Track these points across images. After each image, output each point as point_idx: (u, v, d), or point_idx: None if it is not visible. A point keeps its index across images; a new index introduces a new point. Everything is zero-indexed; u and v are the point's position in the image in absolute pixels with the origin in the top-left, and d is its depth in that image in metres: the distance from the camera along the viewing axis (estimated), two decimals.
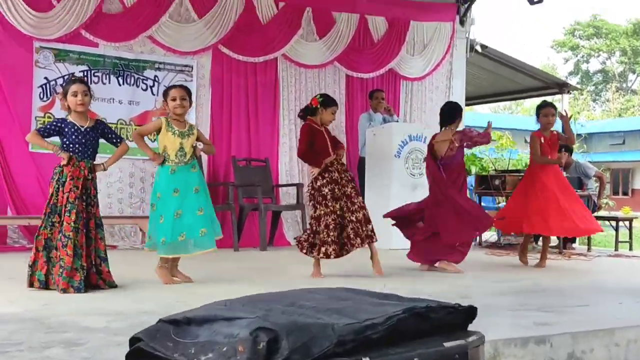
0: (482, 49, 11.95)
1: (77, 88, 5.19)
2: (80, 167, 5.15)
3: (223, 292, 5.09)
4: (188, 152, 5.56)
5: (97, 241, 5.25)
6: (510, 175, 9.68)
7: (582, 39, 56.01)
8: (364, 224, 6.06)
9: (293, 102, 9.98)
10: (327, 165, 6.11)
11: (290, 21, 9.87)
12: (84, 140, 5.19)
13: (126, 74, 8.92)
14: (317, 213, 6.05)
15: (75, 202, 5.06)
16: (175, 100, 5.53)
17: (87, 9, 8.53)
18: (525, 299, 5.07)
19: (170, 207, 5.43)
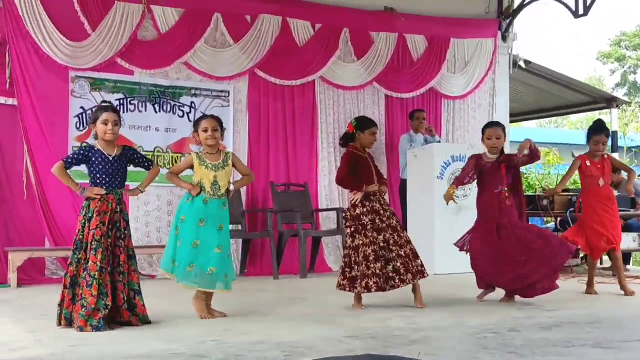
0: (526, 65, 11.67)
1: (108, 117, 5.06)
2: (108, 200, 5.00)
3: (259, 328, 4.93)
4: (222, 185, 5.40)
5: (131, 274, 5.10)
6: (559, 195, 9.31)
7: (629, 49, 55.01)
8: (412, 259, 5.84)
9: (332, 125, 9.80)
10: (369, 193, 5.89)
11: (328, 43, 9.72)
12: (111, 171, 5.05)
13: (162, 101, 8.83)
14: (355, 243, 5.83)
15: (102, 239, 4.91)
16: (207, 131, 5.38)
17: (122, 37, 8.48)
18: (579, 332, 4.75)
19: (193, 235, 5.27)
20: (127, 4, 8.53)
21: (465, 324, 5.13)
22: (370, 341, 4.41)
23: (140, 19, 8.60)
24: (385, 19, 10.16)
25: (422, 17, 10.39)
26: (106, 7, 8.43)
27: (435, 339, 4.50)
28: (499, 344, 4.36)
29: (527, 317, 5.54)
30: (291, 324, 5.14)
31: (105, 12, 8.42)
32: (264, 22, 9.30)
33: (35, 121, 8.09)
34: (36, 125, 8.09)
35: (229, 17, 9.13)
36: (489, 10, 10.91)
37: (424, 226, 8.70)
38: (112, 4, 8.46)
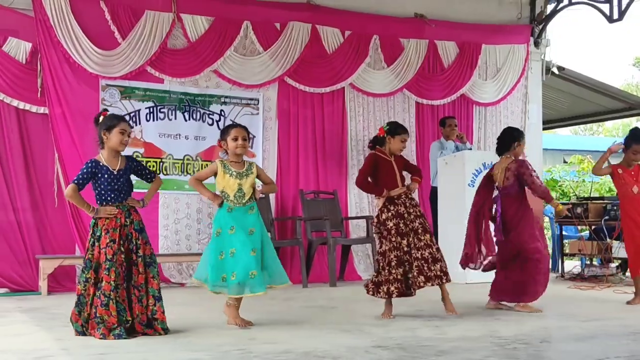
0: (559, 71, 11.52)
1: (126, 127, 5.02)
2: (115, 216, 4.96)
3: (285, 337, 4.87)
4: (247, 192, 5.35)
5: (149, 281, 5.02)
6: (593, 203, 9.17)
7: None
8: (431, 263, 5.76)
9: (361, 132, 9.74)
10: (393, 197, 5.84)
11: (357, 50, 9.68)
12: (116, 186, 4.99)
13: (192, 109, 8.84)
14: (382, 249, 5.79)
15: (114, 258, 4.85)
16: (237, 140, 5.33)
17: (152, 45, 8.52)
18: (614, 345, 4.63)
19: (229, 244, 5.23)
20: (157, 12, 8.57)
21: (495, 334, 5.03)
22: (398, 351, 4.34)
23: (170, 27, 8.64)
24: (416, 25, 10.09)
25: (453, 23, 10.30)
26: (136, 15, 8.49)
27: (465, 350, 4.41)
28: (529, 355, 4.27)
29: (560, 327, 5.44)
30: (319, 333, 5.08)
31: (135, 20, 8.47)
32: (294, 29, 9.29)
33: (66, 129, 8.15)
34: (67, 133, 8.15)
35: (258, 25, 9.13)
36: (520, 16, 10.79)
37: (455, 234, 8.54)
38: (142, 12, 8.51)
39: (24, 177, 8.06)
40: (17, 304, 6.75)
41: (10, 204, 7.97)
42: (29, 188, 8.08)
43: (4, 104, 7.98)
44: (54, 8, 8.08)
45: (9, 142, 8.01)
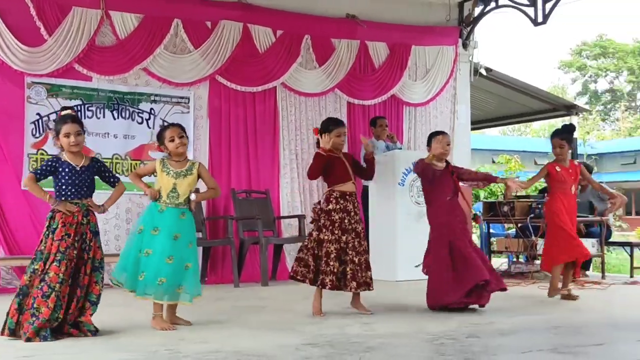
0: (487, 72, 11.77)
1: (69, 129, 4.93)
2: (74, 212, 4.90)
3: (215, 337, 4.85)
4: (182, 193, 5.28)
5: (92, 285, 4.97)
6: (519, 202, 9.38)
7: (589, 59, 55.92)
8: (364, 269, 5.82)
9: (293, 131, 9.75)
10: (344, 192, 5.85)
11: (289, 49, 9.68)
12: (77, 181, 4.94)
13: (121, 108, 8.71)
14: (320, 236, 5.77)
15: (66, 251, 4.80)
16: (174, 140, 5.29)
17: (80, 42, 8.35)
18: (537, 338, 4.76)
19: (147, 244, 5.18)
20: (84, 9, 8.40)
21: (423, 330, 5.11)
22: (328, 348, 4.37)
23: (98, 24, 8.48)
24: (347, 25, 10.15)
25: (384, 24, 10.39)
26: (63, 12, 8.30)
27: (393, 346, 4.47)
28: (456, 350, 4.34)
29: (487, 323, 5.53)
30: (249, 332, 5.07)
31: (62, 17, 8.29)
32: (225, 28, 9.24)
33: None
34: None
35: (188, 23, 9.05)
36: (449, 18, 10.96)
37: (385, 233, 8.68)
38: (70, 9, 8.33)
39: None
40: None
41: None
42: None
43: None
44: None
45: None
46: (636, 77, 54.15)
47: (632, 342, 4.57)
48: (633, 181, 37.35)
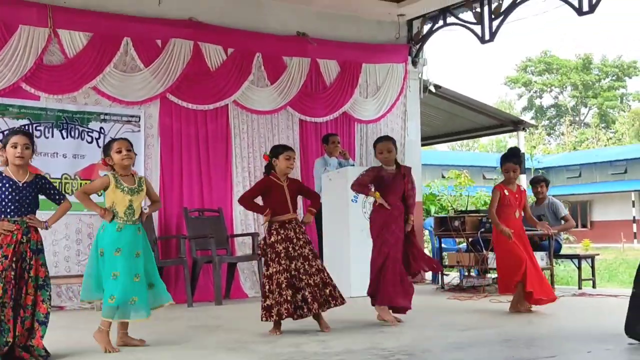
0: (436, 89, 11.91)
1: (17, 140, 4.86)
2: (12, 231, 4.78)
3: (169, 357, 4.79)
4: (137, 209, 5.25)
5: (38, 304, 4.85)
6: (470, 216, 9.49)
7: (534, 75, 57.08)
8: (322, 287, 5.84)
9: (246, 149, 9.73)
10: (284, 221, 5.89)
11: (240, 67, 9.68)
12: (18, 197, 4.82)
13: (70, 127, 8.58)
14: (269, 271, 5.80)
15: (3, 273, 4.67)
16: (121, 152, 5.23)
17: (27, 61, 8.23)
18: (490, 351, 4.81)
19: (111, 267, 5.10)
20: (32, 27, 8.28)
21: (379, 346, 5.11)
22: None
23: (46, 42, 8.36)
24: (298, 43, 10.20)
25: (334, 42, 10.48)
26: (9, 30, 8.17)
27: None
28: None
29: (441, 337, 5.57)
30: (203, 352, 5.02)
31: (9, 35, 8.15)
32: (175, 46, 9.19)
33: None
34: None
35: (138, 42, 8.98)
36: (399, 36, 11.10)
37: (339, 249, 8.71)
38: (16, 27, 8.20)
39: None
40: None
41: None
42: None
43: None
44: None
45: None
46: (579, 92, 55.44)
47: (583, 354, 4.65)
48: (578, 194, 38.10)
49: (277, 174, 6.01)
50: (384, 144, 6.56)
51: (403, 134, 11.05)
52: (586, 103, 56.33)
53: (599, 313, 6.89)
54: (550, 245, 9.16)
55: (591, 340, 5.16)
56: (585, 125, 56.10)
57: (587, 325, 6.00)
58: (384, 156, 6.52)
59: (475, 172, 23.25)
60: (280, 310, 5.69)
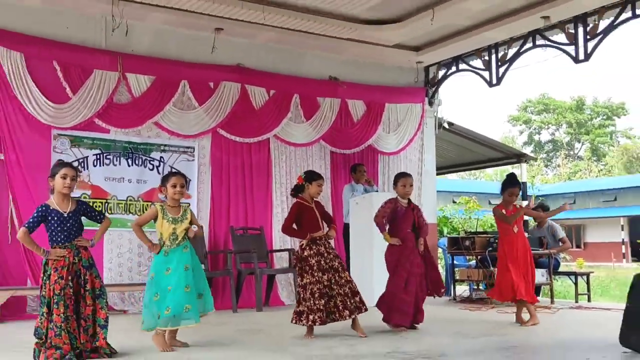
0: (449, 126, 11.85)
1: (67, 172, 4.84)
2: (64, 255, 4.78)
3: (218, 357, 4.76)
4: (179, 235, 5.27)
5: (98, 311, 4.87)
6: (479, 237, 9.39)
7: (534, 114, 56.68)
8: (351, 296, 5.78)
9: (284, 176, 9.74)
10: (315, 238, 5.85)
11: (280, 106, 9.71)
12: (66, 227, 4.82)
13: (135, 156, 8.67)
14: (303, 282, 5.76)
15: (61, 292, 4.68)
16: (176, 187, 5.30)
17: (100, 100, 8.34)
18: (499, 357, 4.72)
19: (165, 283, 5.13)
20: (104, 71, 8.41)
21: (399, 349, 5.06)
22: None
23: (116, 84, 8.48)
24: (330, 86, 10.21)
25: (361, 85, 10.48)
26: (85, 73, 8.30)
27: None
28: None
29: (454, 343, 5.50)
30: (247, 353, 4.99)
31: (85, 78, 8.28)
32: (225, 88, 9.26)
33: (20, 174, 7.86)
34: (20, 177, 7.86)
35: (194, 84, 9.06)
36: (417, 80, 11.08)
37: (364, 264, 8.64)
38: (91, 71, 8.33)
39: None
40: None
41: None
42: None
43: None
44: (11, 66, 7.83)
45: None
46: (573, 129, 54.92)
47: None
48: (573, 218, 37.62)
49: (305, 196, 5.97)
50: (407, 179, 6.55)
51: (420, 165, 10.99)
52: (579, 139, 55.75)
53: (595, 324, 6.73)
54: (550, 263, 9.03)
55: (589, 349, 5.05)
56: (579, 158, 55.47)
57: (585, 336, 5.88)
58: (406, 190, 6.50)
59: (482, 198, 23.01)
60: (314, 318, 5.64)
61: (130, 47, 8.66)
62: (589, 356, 4.69)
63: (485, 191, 34.03)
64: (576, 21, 8.80)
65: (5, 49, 7.84)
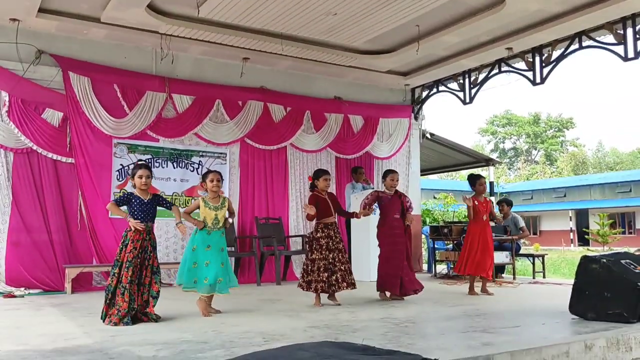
0: (431, 136, 11.80)
1: (143, 172, 4.94)
2: (140, 231, 4.86)
3: (246, 321, 4.77)
4: (220, 220, 5.29)
5: (152, 284, 4.90)
6: (455, 225, 9.38)
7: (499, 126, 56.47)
8: (349, 274, 5.79)
9: (299, 176, 9.73)
10: (327, 223, 5.82)
11: (295, 120, 9.69)
12: (145, 209, 4.91)
13: (179, 160, 8.69)
14: (312, 257, 5.77)
15: (133, 260, 4.77)
16: (213, 181, 5.30)
17: (151, 115, 8.37)
18: (472, 321, 4.71)
19: (204, 258, 5.13)
20: (154, 92, 8.44)
21: (392, 315, 5.06)
22: (325, 330, 4.31)
23: (164, 103, 8.50)
24: (335, 104, 10.19)
25: (360, 103, 10.45)
26: (140, 94, 8.33)
27: (371, 328, 4.41)
28: (416, 330, 4.30)
29: (435, 311, 5.49)
30: (269, 318, 5.01)
31: (139, 98, 8.31)
32: (251, 105, 9.26)
33: (87, 174, 7.89)
34: (88, 177, 7.89)
35: (226, 102, 9.06)
36: (405, 99, 11.04)
37: (363, 248, 8.64)
38: (144, 92, 8.36)
39: (55, 208, 7.75)
40: (48, 301, 6.44)
41: (45, 227, 7.64)
42: (59, 216, 7.76)
43: (42, 156, 7.69)
44: (80, 88, 7.88)
45: (46, 183, 7.71)
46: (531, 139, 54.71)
47: (539, 325, 4.53)
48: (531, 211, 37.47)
49: (319, 189, 5.98)
50: (394, 174, 6.56)
51: (407, 168, 10.96)
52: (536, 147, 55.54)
53: (549, 296, 6.73)
54: (512, 247, 9.01)
55: (544, 315, 5.04)
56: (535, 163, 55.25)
57: (540, 305, 5.87)
58: (394, 183, 6.51)
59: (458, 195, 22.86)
60: (317, 287, 5.68)
61: (175, 73, 8.68)
62: (544, 321, 4.67)
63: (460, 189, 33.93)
64: (534, 51, 8.78)
65: (75, 74, 7.88)
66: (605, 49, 7.86)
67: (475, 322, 4.64)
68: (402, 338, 3.91)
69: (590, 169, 51.21)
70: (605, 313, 4.51)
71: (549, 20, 7.91)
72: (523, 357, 3.40)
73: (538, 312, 5.30)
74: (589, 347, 3.73)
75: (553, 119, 54.94)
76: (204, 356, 3.33)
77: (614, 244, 21.43)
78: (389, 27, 8.11)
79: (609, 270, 4.57)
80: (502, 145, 57.01)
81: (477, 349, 3.45)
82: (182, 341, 3.84)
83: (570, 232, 35.93)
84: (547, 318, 4.85)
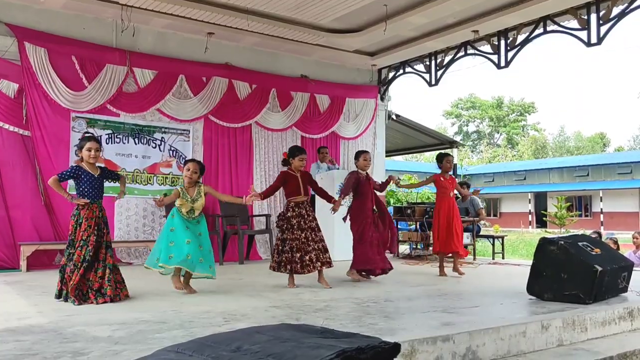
0: (397, 118, 11.85)
1: (92, 145, 4.78)
2: (93, 209, 4.73)
3: (207, 301, 4.70)
4: (196, 210, 5.22)
5: (107, 258, 4.78)
6: (418, 207, 9.46)
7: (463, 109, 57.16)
8: (323, 252, 5.69)
9: (263, 155, 9.64)
10: (298, 202, 5.73)
11: (261, 98, 9.57)
12: (96, 186, 4.77)
13: (140, 136, 8.47)
14: (284, 236, 5.65)
15: (88, 239, 4.65)
16: (189, 170, 5.23)
17: (111, 89, 8.12)
18: (433, 302, 4.75)
19: (183, 237, 5.05)
20: (115, 65, 8.17)
21: (353, 295, 5.07)
22: (287, 310, 4.28)
23: (124, 77, 8.25)
24: (301, 83, 10.10)
25: (327, 82, 10.38)
26: (99, 67, 8.06)
27: (333, 307, 4.41)
28: (378, 310, 4.31)
29: (398, 290, 5.53)
30: (231, 298, 4.95)
31: (99, 70, 8.04)
32: (215, 82, 9.08)
33: (44, 148, 7.62)
34: (45, 151, 7.63)
35: (190, 78, 8.87)
36: (372, 79, 11.02)
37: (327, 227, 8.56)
38: (104, 65, 8.09)
39: (12, 183, 7.47)
40: (2, 279, 6.23)
41: (3, 203, 7.37)
42: (15, 191, 7.49)
43: None
44: (36, 59, 7.57)
45: (3, 156, 7.42)
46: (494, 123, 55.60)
47: (497, 305, 4.61)
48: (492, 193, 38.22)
49: (292, 168, 5.87)
50: (367, 154, 6.53)
51: (373, 148, 10.98)
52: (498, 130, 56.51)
53: (507, 276, 6.86)
54: (473, 229, 9.15)
55: (502, 295, 5.12)
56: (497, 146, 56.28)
57: (499, 285, 5.97)
58: (368, 163, 6.48)
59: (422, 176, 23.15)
60: (289, 267, 5.58)
61: (136, 46, 8.42)
62: (502, 301, 4.75)
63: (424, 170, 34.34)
64: (499, 35, 8.83)
65: (32, 45, 7.56)
66: (569, 34, 7.96)
67: (436, 302, 4.68)
68: (364, 318, 3.91)
69: (550, 153, 52.46)
70: (561, 294, 4.61)
71: (515, 3, 7.96)
72: (481, 337, 3.45)
73: (497, 292, 5.38)
74: (546, 327, 3.80)
75: (515, 103, 55.92)
76: (161, 336, 3.25)
77: (571, 226, 22.08)
78: (356, 6, 8.03)
79: (566, 252, 4.66)
80: (465, 128, 57.81)
81: (437, 329, 3.48)
82: (140, 321, 3.75)
83: (529, 214, 36.84)
84: (505, 298, 4.92)
